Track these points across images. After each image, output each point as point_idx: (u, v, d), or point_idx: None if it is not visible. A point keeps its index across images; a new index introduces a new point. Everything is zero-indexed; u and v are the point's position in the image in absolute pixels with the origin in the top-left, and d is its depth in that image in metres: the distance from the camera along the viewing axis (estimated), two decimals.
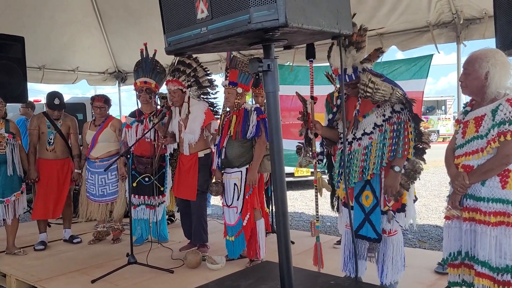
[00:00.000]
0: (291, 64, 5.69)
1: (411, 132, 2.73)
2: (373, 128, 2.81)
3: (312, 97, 3.05)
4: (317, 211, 3.24)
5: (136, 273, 3.70)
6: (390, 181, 2.76)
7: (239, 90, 3.74)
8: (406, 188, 2.81)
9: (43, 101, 9.32)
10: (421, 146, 2.76)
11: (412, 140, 2.73)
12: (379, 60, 5.02)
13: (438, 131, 21.76)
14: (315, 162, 3.14)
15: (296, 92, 3.16)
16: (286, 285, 1.63)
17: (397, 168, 2.74)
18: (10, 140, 4.32)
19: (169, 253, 4.27)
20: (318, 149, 3.21)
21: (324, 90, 4.03)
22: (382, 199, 2.82)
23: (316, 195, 3.16)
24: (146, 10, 6.07)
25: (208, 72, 4.39)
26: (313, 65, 5.78)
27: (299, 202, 8.01)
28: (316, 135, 3.07)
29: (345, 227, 3.00)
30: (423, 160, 2.82)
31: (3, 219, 4.33)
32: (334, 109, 3.09)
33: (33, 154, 4.68)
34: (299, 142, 3.19)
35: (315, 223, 3.19)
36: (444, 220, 2.60)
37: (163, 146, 4.43)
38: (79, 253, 4.47)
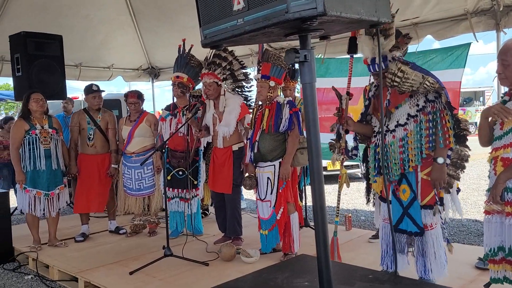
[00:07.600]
0: (322, 56, 5.62)
1: (448, 120, 2.65)
2: (407, 119, 2.74)
3: (348, 93, 2.99)
4: (338, 207, 3.27)
5: (172, 265, 3.77)
6: (436, 174, 2.69)
7: (272, 83, 3.72)
8: (456, 179, 2.75)
9: (81, 98, 9.65)
10: (461, 134, 2.68)
11: (450, 128, 2.65)
12: (413, 50, 4.90)
13: (476, 123, 21.00)
14: (343, 158, 3.11)
15: (333, 86, 3.11)
16: (325, 278, 1.61)
17: (440, 160, 2.67)
18: (54, 135, 4.49)
19: (203, 246, 4.32)
20: (351, 143, 3.17)
21: (358, 82, 3.95)
22: (419, 193, 2.76)
23: (339, 191, 3.17)
24: (177, 7, 6.12)
25: (244, 65, 4.39)
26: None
27: (332, 196, 7.92)
28: (347, 131, 3.02)
29: (383, 221, 2.94)
30: (467, 147, 2.74)
31: (46, 212, 4.49)
32: (366, 102, 3.03)
33: (74, 150, 4.85)
34: (331, 139, 3.16)
35: (349, 217, 3.17)
36: (484, 215, 2.51)
37: (198, 140, 4.47)
38: (117, 246, 4.60)
